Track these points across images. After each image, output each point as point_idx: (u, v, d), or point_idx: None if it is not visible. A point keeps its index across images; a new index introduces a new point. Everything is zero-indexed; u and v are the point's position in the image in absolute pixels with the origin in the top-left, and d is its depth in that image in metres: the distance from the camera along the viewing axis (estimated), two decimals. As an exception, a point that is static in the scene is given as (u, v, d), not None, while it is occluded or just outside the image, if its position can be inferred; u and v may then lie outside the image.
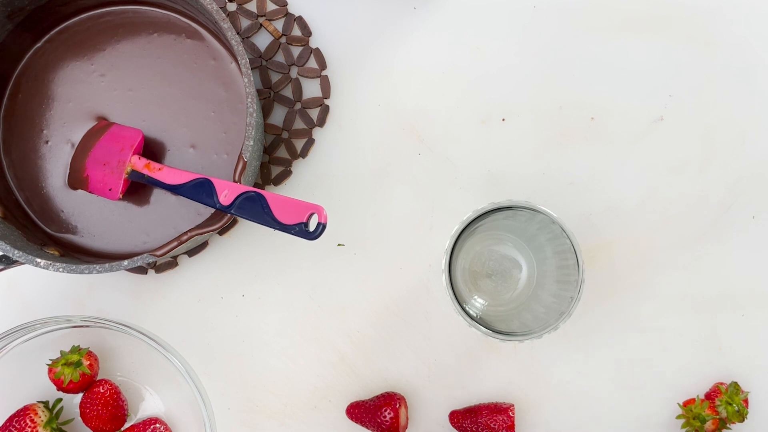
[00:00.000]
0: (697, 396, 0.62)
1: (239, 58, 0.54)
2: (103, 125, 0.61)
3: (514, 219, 0.58)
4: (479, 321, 0.55)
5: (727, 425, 0.61)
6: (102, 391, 0.60)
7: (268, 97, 0.64)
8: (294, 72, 0.64)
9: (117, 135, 0.60)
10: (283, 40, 0.64)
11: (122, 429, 0.62)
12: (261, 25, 0.64)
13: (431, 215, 0.63)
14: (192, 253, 0.64)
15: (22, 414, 0.59)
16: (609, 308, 0.63)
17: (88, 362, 0.60)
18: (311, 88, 0.64)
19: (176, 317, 0.64)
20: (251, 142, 0.54)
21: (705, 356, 0.63)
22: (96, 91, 0.62)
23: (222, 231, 0.64)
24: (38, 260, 0.55)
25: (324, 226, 0.49)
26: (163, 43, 0.61)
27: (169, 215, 0.61)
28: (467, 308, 0.56)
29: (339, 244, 0.64)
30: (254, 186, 0.61)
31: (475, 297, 0.61)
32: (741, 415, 0.60)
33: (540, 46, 0.64)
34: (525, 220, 0.57)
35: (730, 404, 0.60)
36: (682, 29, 0.64)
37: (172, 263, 0.64)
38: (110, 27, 0.62)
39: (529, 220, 0.57)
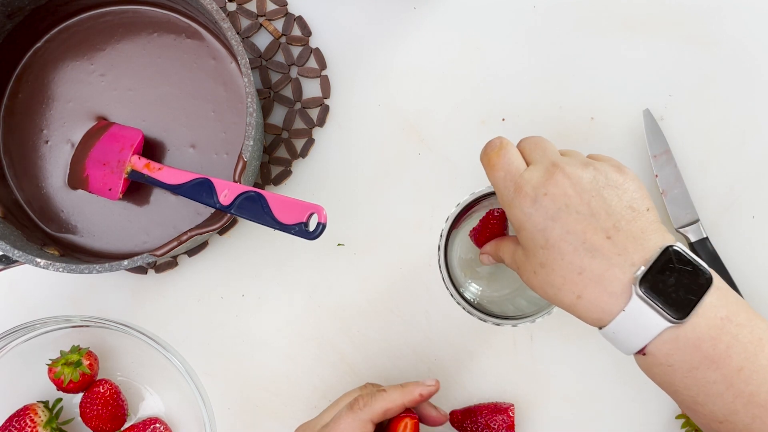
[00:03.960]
0: (697, 396, 0.62)
1: (239, 58, 0.54)
2: (103, 125, 0.61)
3: None
4: (474, 306, 0.55)
5: (727, 425, 0.61)
6: (102, 390, 0.60)
7: (268, 97, 0.64)
8: (294, 72, 0.65)
9: (117, 135, 0.60)
10: (283, 40, 0.64)
11: (122, 429, 0.62)
12: (261, 25, 0.64)
13: (431, 215, 0.63)
14: (192, 253, 0.64)
15: (22, 414, 0.59)
16: (609, 308, 0.63)
17: (88, 362, 0.60)
18: (311, 88, 0.64)
19: (176, 317, 0.64)
20: (251, 142, 0.54)
21: (705, 356, 0.63)
22: (96, 91, 0.62)
23: (222, 231, 0.64)
24: (38, 260, 0.55)
25: (324, 226, 0.49)
26: (163, 43, 0.61)
27: (169, 215, 0.61)
28: (462, 292, 0.56)
29: (339, 244, 0.64)
30: (254, 186, 0.61)
31: (471, 282, 0.61)
32: (741, 415, 0.60)
33: (540, 46, 0.64)
34: None
35: (730, 404, 0.60)
36: (682, 29, 0.64)
37: (172, 263, 0.64)
38: (110, 27, 0.62)
39: None
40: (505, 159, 0.47)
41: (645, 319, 0.43)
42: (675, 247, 0.43)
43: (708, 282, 0.43)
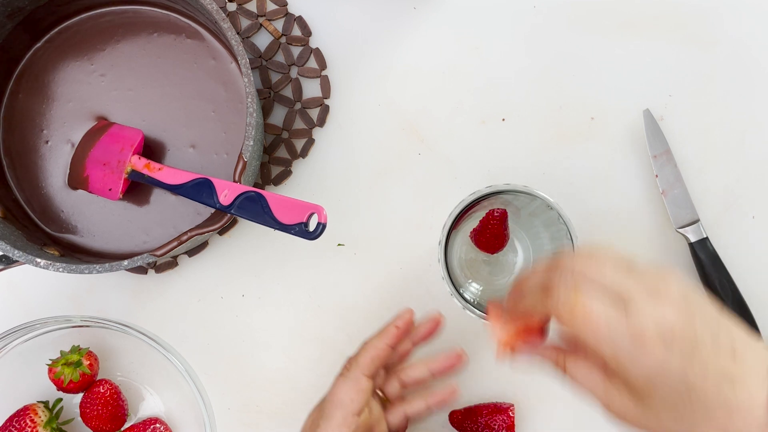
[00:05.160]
0: (697, 396, 0.62)
1: (239, 58, 0.54)
2: (103, 125, 0.61)
3: (511, 204, 0.58)
4: (474, 306, 0.55)
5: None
6: (102, 391, 0.60)
7: (268, 97, 0.64)
8: (294, 72, 0.65)
9: (117, 135, 0.60)
10: (283, 40, 0.64)
11: (122, 429, 0.62)
12: (261, 25, 0.64)
13: (431, 215, 0.63)
14: (192, 253, 0.64)
15: (22, 414, 0.59)
16: (609, 308, 0.63)
17: (88, 362, 0.60)
18: (311, 88, 0.64)
19: (176, 317, 0.64)
20: (251, 142, 0.54)
21: (705, 356, 0.63)
22: (96, 91, 0.62)
23: (222, 231, 0.64)
24: (38, 260, 0.55)
25: (324, 226, 0.49)
26: (163, 43, 0.61)
27: (169, 215, 0.61)
28: (462, 292, 0.56)
29: (339, 244, 0.64)
30: (254, 186, 0.61)
31: (471, 282, 0.62)
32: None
33: (540, 46, 0.64)
34: (523, 205, 0.58)
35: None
36: (682, 29, 0.64)
37: (172, 263, 0.64)
38: (110, 27, 0.62)
39: (527, 206, 0.58)
40: (594, 308, 0.40)
41: None
42: None
43: None
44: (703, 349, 0.39)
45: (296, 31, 0.64)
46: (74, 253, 0.61)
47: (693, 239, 0.61)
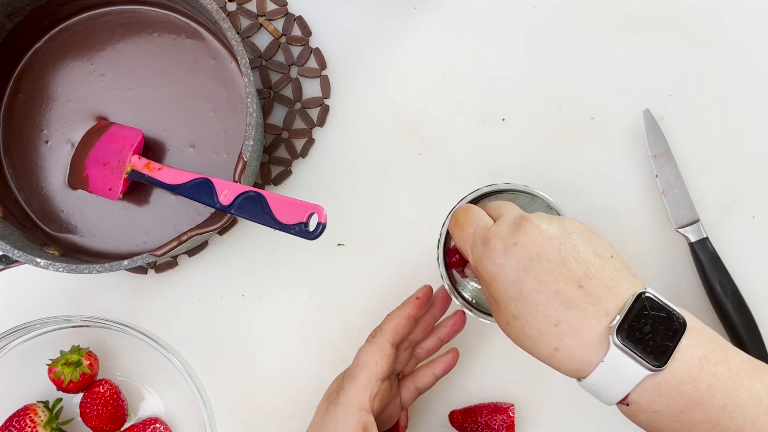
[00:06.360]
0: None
1: (239, 58, 0.54)
2: (103, 125, 0.61)
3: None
4: (473, 305, 0.55)
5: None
6: (102, 391, 0.60)
7: (268, 97, 0.64)
8: (294, 72, 0.65)
9: (117, 135, 0.60)
10: (283, 40, 0.64)
11: (122, 429, 0.62)
12: (261, 25, 0.64)
13: (431, 215, 0.63)
14: (192, 253, 0.64)
15: (22, 414, 0.59)
16: (609, 308, 0.63)
17: (88, 362, 0.60)
18: (311, 88, 0.64)
19: (176, 317, 0.64)
20: (251, 142, 0.54)
21: (705, 356, 0.63)
22: (96, 91, 0.62)
23: (222, 231, 0.64)
24: (38, 260, 0.55)
25: (324, 226, 0.49)
26: (163, 43, 0.61)
27: (169, 215, 0.61)
28: (461, 291, 0.56)
29: (339, 244, 0.64)
30: (254, 186, 0.61)
31: (469, 282, 0.61)
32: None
33: (540, 45, 0.64)
34: (524, 205, 0.58)
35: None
36: (682, 29, 0.64)
37: (172, 263, 0.64)
38: (110, 27, 0.62)
39: (527, 206, 0.58)
40: (474, 217, 0.49)
41: (625, 368, 0.43)
42: (647, 294, 0.44)
43: (682, 326, 0.43)
44: (544, 265, 0.44)
45: (296, 31, 0.64)
46: (74, 253, 0.61)
47: (693, 239, 0.61)
